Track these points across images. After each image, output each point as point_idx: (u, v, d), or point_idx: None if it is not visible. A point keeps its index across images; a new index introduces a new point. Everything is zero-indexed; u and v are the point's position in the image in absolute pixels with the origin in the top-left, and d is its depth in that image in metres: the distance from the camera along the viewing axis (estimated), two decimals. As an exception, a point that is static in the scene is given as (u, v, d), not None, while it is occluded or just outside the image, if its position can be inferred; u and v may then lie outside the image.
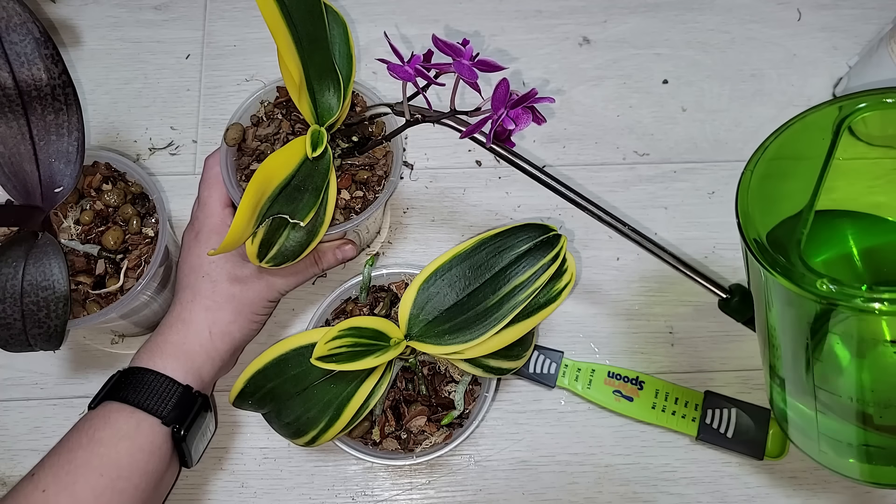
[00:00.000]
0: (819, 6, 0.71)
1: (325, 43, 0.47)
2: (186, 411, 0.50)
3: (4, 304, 0.46)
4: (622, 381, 0.58)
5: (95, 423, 0.48)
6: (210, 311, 0.52)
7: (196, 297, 0.52)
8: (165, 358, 0.50)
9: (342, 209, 0.53)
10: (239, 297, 0.53)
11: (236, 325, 0.53)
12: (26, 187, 0.48)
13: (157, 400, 0.48)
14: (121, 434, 0.47)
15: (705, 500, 0.57)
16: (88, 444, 0.47)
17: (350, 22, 0.70)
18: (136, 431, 0.48)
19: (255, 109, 0.55)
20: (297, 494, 0.57)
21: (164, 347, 0.51)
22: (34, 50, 0.46)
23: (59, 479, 0.45)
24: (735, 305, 0.53)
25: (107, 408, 0.49)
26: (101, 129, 0.66)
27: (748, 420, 0.57)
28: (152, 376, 0.49)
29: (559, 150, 0.66)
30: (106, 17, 0.70)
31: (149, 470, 0.48)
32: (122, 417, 0.48)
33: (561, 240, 0.47)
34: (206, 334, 0.52)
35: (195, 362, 0.51)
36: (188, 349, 0.51)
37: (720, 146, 0.67)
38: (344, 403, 0.47)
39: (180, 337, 0.51)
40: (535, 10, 0.71)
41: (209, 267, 0.53)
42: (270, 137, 0.54)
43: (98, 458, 0.46)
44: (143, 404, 0.48)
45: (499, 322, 0.45)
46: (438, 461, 0.58)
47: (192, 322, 0.52)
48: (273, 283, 0.54)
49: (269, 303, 0.55)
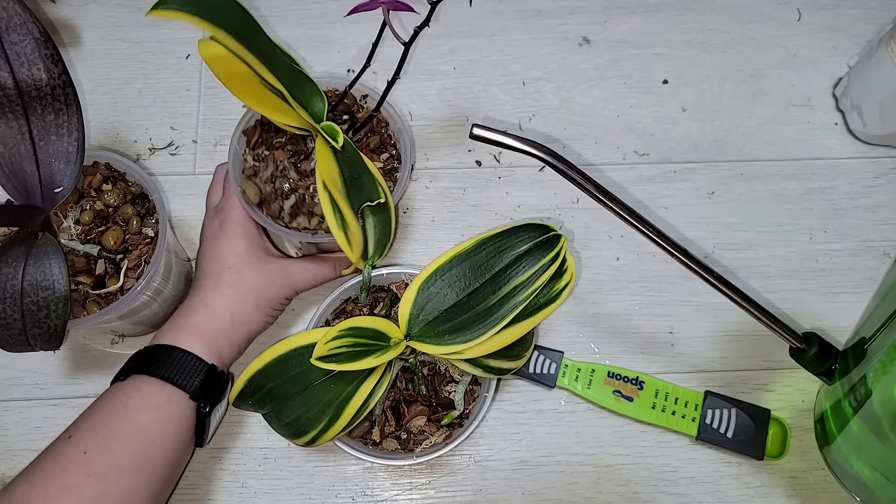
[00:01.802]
0: (819, 6, 0.71)
1: (278, 52, 0.47)
2: (210, 388, 0.51)
3: (4, 304, 0.46)
4: (622, 381, 0.58)
5: (129, 392, 0.49)
6: (232, 301, 0.54)
7: (220, 286, 0.54)
8: (190, 338, 0.52)
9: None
10: (260, 292, 0.55)
11: (254, 318, 0.55)
12: (26, 187, 0.48)
13: (185, 376, 0.50)
14: (153, 405, 0.49)
15: (705, 500, 0.57)
16: (123, 411, 0.48)
17: (350, 23, 0.70)
18: (167, 404, 0.49)
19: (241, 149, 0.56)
20: (297, 494, 0.57)
21: (188, 329, 0.52)
22: (34, 50, 0.46)
23: (97, 442, 0.47)
24: (811, 357, 0.51)
25: (137, 380, 0.50)
26: (101, 129, 0.66)
27: (748, 420, 0.57)
28: (180, 353, 0.51)
29: (559, 150, 0.66)
30: (106, 17, 0.70)
31: (177, 441, 0.49)
32: (154, 389, 0.49)
33: (561, 240, 0.47)
34: (227, 320, 0.53)
35: (217, 344, 0.52)
36: (210, 331, 0.52)
37: (720, 146, 0.67)
38: (344, 403, 0.47)
39: (203, 320, 0.53)
40: (535, 10, 0.71)
41: (234, 258, 0.55)
42: (276, 175, 0.54)
43: (133, 425, 0.48)
44: (172, 379, 0.49)
45: (499, 322, 0.45)
46: (438, 461, 0.58)
47: (215, 308, 0.53)
48: (293, 282, 0.56)
49: (286, 300, 0.57)
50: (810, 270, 0.63)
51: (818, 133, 0.67)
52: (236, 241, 0.55)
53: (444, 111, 0.68)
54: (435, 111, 0.68)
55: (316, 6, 0.71)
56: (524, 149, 0.43)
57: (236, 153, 0.55)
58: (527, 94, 0.68)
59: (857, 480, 0.53)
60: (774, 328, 0.49)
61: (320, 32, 0.70)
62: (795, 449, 0.58)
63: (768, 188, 0.65)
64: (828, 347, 0.52)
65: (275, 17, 0.71)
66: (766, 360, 0.60)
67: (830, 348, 0.52)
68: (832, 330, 0.61)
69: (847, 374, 0.51)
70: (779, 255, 0.63)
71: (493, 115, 0.67)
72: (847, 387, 0.51)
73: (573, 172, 0.44)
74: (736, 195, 0.65)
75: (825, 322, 0.61)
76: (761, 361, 0.60)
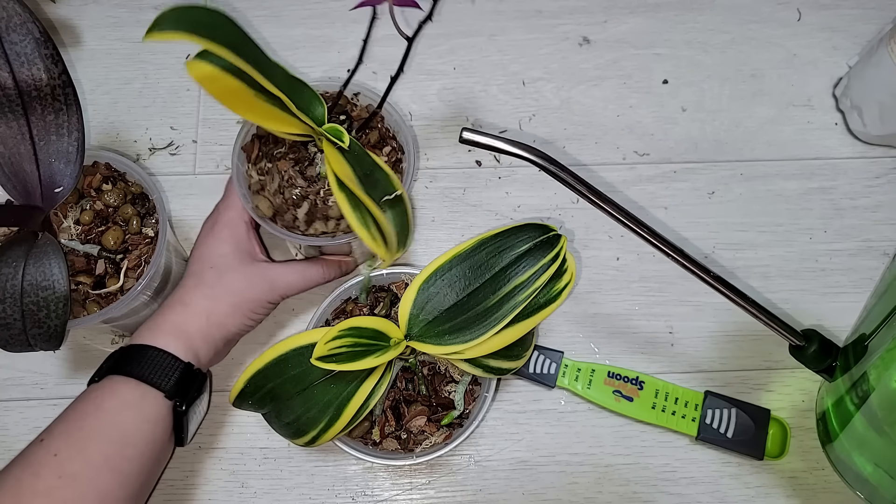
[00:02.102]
0: (819, 6, 0.71)
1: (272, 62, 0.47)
2: (187, 387, 0.51)
3: (4, 304, 0.46)
4: (622, 381, 0.58)
5: (102, 393, 0.49)
6: (209, 300, 0.53)
7: (199, 285, 0.53)
8: (166, 336, 0.51)
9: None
10: (240, 294, 0.54)
11: (232, 320, 0.54)
12: (26, 187, 0.48)
13: (160, 374, 0.49)
14: (127, 404, 0.48)
15: (705, 500, 0.57)
16: (96, 412, 0.48)
17: (350, 22, 0.70)
18: (142, 402, 0.49)
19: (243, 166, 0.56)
20: (297, 494, 0.57)
21: (164, 326, 0.52)
22: (34, 50, 0.46)
23: (70, 444, 0.46)
24: (811, 355, 0.51)
25: (112, 381, 0.49)
26: (101, 129, 0.66)
27: (748, 420, 0.57)
28: (154, 352, 0.50)
29: (559, 150, 0.66)
30: (106, 17, 0.70)
31: (153, 439, 0.49)
32: (128, 389, 0.49)
33: (561, 240, 0.47)
34: (203, 320, 0.53)
35: (193, 343, 0.52)
36: (187, 330, 0.52)
37: (720, 146, 0.67)
38: (344, 403, 0.47)
39: (179, 318, 0.52)
40: (535, 10, 0.71)
41: (217, 259, 0.54)
42: (283, 185, 0.54)
43: (107, 426, 0.47)
44: (146, 378, 0.49)
45: (499, 322, 0.45)
46: (438, 461, 0.58)
47: (191, 306, 0.53)
48: (276, 287, 0.55)
49: (269, 304, 0.56)
50: (810, 270, 0.63)
51: (818, 133, 0.67)
52: (222, 242, 0.55)
53: (444, 111, 0.68)
54: (435, 111, 0.68)
55: (316, 6, 0.71)
56: (515, 151, 0.43)
57: (239, 170, 0.55)
58: (527, 94, 0.68)
59: (860, 477, 0.53)
60: (773, 326, 0.49)
61: (320, 32, 0.70)
62: (795, 449, 0.58)
63: (768, 188, 0.65)
64: (828, 344, 0.52)
65: (274, 17, 0.71)
66: (766, 360, 0.60)
67: (831, 345, 0.52)
68: (832, 329, 0.61)
69: (848, 371, 0.51)
70: (779, 255, 0.63)
71: (493, 114, 0.67)
72: (848, 383, 0.51)
73: (564, 174, 0.43)
74: (736, 195, 0.65)
75: (825, 322, 0.61)
76: (761, 361, 0.60)
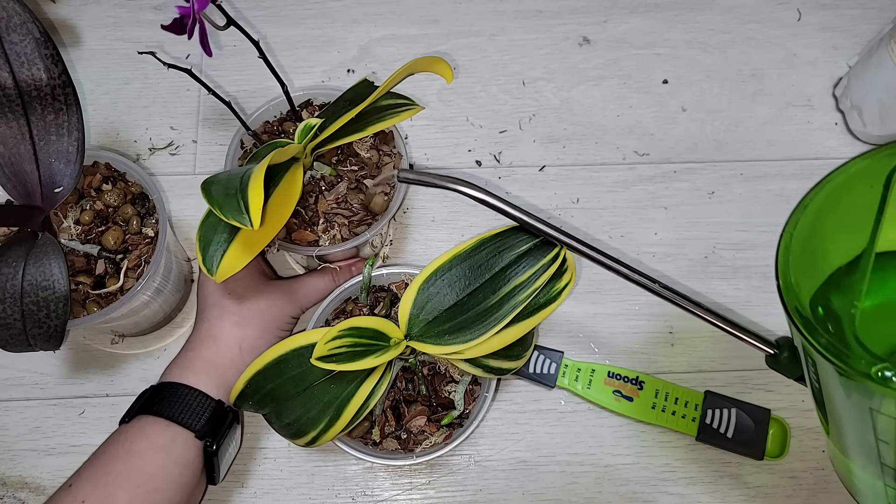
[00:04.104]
0: (819, 6, 0.71)
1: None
2: (218, 426, 0.50)
3: (4, 304, 0.46)
4: (622, 381, 0.58)
5: (131, 435, 0.49)
6: (239, 328, 0.53)
7: (224, 314, 0.53)
8: (198, 373, 0.51)
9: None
10: (265, 313, 0.54)
11: (264, 341, 0.54)
12: (26, 187, 0.48)
13: (190, 414, 0.49)
14: (157, 447, 0.48)
15: (705, 500, 0.57)
16: (125, 456, 0.47)
17: (350, 22, 0.70)
18: (172, 444, 0.48)
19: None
20: (297, 494, 0.57)
21: (196, 363, 0.52)
22: (34, 50, 0.46)
23: (97, 489, 0.46)
24: (785, 362, 0.47)
25: (141, 421, 0.49)
26: (101, 129, 0.66)
27: (748, 420, 0.57)
28: (185, 391, 0.50)
29: (559, 150, 0.66)
30: (106, 17, 0.70)
31: (182, 483, 0.48)
32: (158, 430, 0.49)
33: (561, 240, 0.47)
34: (236, 350, 0.52)
35: (226, 377, 0.52)
36: (219, 364, 0.52)
37: (720, 146, 0.67)
38: (344, 404, 0.47)
39: (211, 353, 0.52)
40: (535, 10, 0.71)
41: (234, 284, 0.54)
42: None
43: (136, 470, 0.47)
44: (177, 418, 0.49)
45: (499, 322, 0.45)
46: (438, 461, 0.58)
47: (222, 338, 0.52)
48: (296, 300, 0.56)
49: (293, 318, 0.57)
50: (810, 270, 0.63)
51: (818, 133, 0.67)
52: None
53: (444, 111, 0.68)
54: (435, 111, 0.68)
55: (316, 6, 0.71)
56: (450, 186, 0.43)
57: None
58: (527, 94, 0.68)
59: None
60: (741, 337, 0.45)
61: (320, 32, 0.70)
62: (795, 449, 0.58)
63: (768, 188, 0.65)
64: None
65: (274, 17, 0.71)
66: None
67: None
68: (832, 330, 0.61)
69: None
70: (779, 255, 0.63)
71: (493, 114, 0.67)
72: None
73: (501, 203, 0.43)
74: (736, 195, 0.65)
75: (825, 322, 0.61)
76: (761, 361, 0.60)
